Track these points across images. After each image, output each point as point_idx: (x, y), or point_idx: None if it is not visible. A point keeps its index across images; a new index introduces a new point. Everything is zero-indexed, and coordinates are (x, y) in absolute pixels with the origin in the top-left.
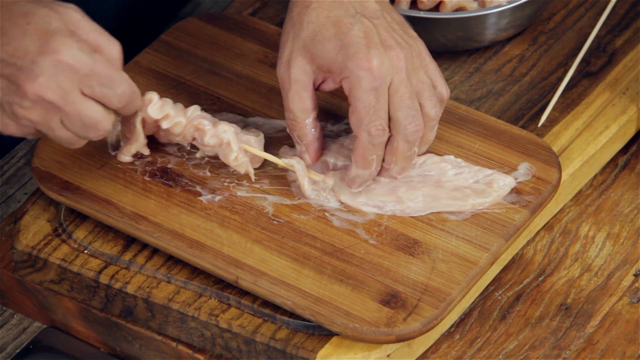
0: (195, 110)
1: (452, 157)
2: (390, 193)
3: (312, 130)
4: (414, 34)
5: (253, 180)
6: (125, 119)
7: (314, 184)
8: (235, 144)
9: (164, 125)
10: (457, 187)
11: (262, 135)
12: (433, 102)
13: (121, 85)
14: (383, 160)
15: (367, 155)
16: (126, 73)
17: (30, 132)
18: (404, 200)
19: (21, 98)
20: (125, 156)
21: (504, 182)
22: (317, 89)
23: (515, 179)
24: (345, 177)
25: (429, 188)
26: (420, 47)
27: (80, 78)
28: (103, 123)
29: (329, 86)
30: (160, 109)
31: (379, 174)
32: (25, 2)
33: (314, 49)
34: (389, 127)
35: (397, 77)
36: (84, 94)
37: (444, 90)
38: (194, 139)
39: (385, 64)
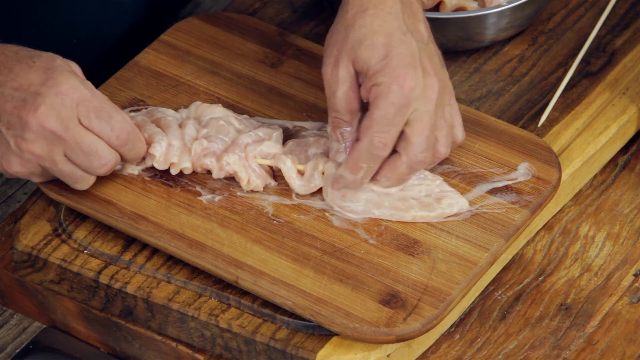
0: (199, 145)
1: None
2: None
3: (355, 131)
4: (446, 72)
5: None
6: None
7: (301, 180)
8: (244, 172)
9: (172, 172)
10: (404, 197)
11: (279, 131)
12: (448, 141)
13: (119, 123)
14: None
15: (359, 161)
16: (126, 73)
17: (33, 169)
18: (347, 199)
19: (24, 130)
20: (129, 169)
21: (454, 202)
22: None
23: (515, 179)
24: (333, 175)
25: (375, 194)
26: (450, 86)
27: (78, 107)
28: (104, 151)
29: (362, 93)
30: (164, 161)
31: (371, 179)
32: (32, 50)
33: (359, 52)
34: (400, 146)
35: (424, 106)
36: (82, 125)
37: (459, 133)
38: (207, 171)
39: (418, 89)
